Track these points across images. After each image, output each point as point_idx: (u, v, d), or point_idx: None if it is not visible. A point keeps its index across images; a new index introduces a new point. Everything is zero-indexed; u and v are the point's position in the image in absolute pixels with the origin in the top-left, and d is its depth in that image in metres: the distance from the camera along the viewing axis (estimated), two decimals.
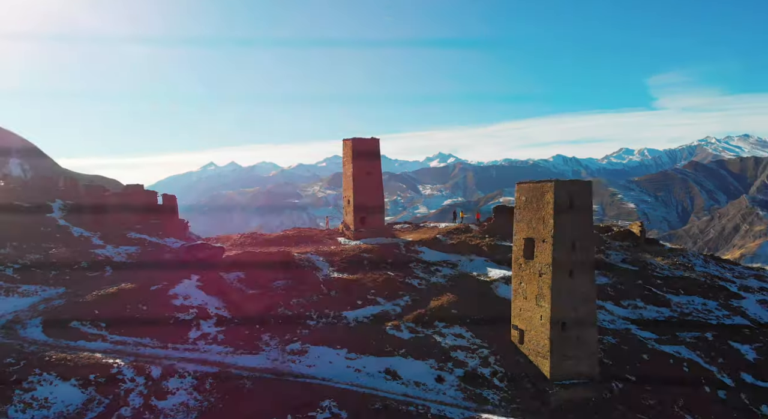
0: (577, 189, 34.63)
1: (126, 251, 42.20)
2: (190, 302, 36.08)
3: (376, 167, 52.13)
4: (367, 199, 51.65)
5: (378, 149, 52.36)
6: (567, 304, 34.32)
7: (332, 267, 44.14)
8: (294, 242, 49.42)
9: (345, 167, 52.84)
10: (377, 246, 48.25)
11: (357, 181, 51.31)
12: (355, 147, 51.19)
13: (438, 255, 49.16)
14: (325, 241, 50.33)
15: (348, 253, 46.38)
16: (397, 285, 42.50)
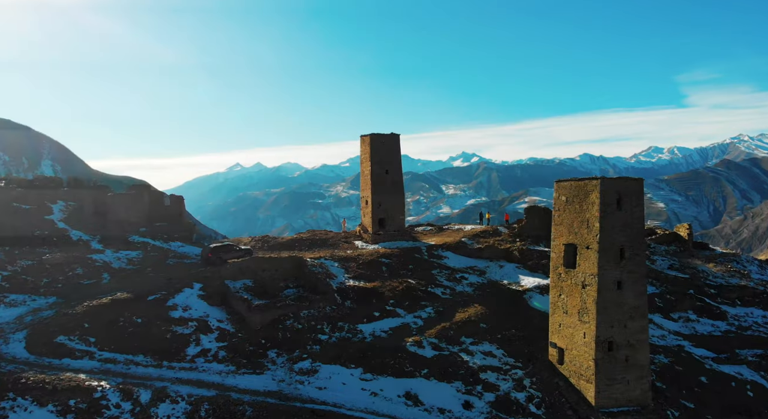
0: (627, 187, 29.73)
1: (127, 256, 38.90)
2: (190, 313, 32.42)
3: (395, 165, 47.77)
4: (386, 199, 47.35)
5: (398, 145, 48.01)
6: (615, 320, 29.52)
7: (348, 274, 40.02)
8: (308, 246, 45.51)
9: (363, 165, 48.61)
10: (397, 251, 43.95)
11: (375, 180, 47.05)
12: (373, 143, 46.93)
13: (464, 261, 44.55)
14: (341, 245, 46.27)
15: (365, 258, 42.20)
16: (419, 295, 38.11)
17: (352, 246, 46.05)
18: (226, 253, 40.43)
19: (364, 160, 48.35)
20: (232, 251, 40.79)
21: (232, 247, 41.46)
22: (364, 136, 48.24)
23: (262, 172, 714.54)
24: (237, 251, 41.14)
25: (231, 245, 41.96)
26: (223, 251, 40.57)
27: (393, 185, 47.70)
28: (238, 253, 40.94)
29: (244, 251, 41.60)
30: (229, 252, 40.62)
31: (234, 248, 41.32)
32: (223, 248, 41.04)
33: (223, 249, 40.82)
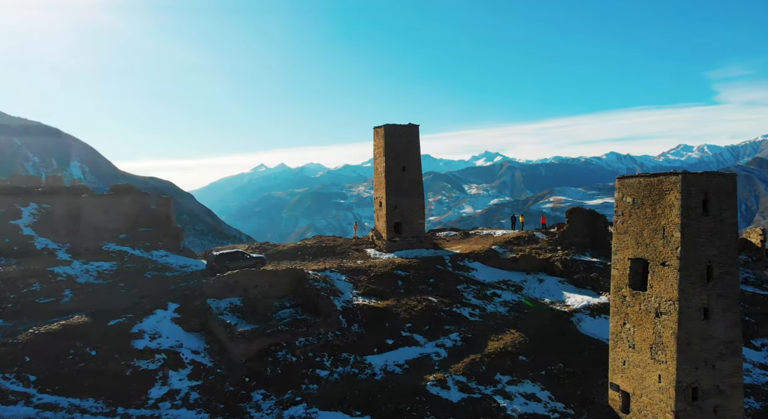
0: (717, 185, 22.25)
1: (98, 268, 32.84)
2: (158, 343, 26.00)
3: (414, 161, 40.69)
4: (403, 200, 40.31)
5: (416, 137, 40.90)
6: (701, 359, 22.12)
7: (357, 290, 33.18)
8: (312, 255, 38.81)
9: (376, 161, 41.66)
10: (415, 261, 36.88)
11: (390, 178, 40.03)
12: (388, 136, 39.92)
13: (495, 273, 37.24)
14: (350, 253, 39.42)
15: (378, 270, 35.29)
16: (442, 317, 31.06)
17: (364, 255, 39.16)
18: (234, 261, 34.27)
19: (377, 155, 41.40)
20: (241, 260, 34.64)
21: (241, 255, 35.22)
22: (377, 127, 41.30)
23: (286, 172, 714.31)
24: (247, 259, 34.91)
25: (240, 252, 35.69)
26: (230, 259, 34.39)
27: (411, 184, 40.63)
28: (247, 262, 34.74)
29: (255, 259, 35.28)
30: (237, 260, 34.48)
31: (243, 256, 35.11)
32: (230, 255, 34.79)
33: (231, 257, 34.60)
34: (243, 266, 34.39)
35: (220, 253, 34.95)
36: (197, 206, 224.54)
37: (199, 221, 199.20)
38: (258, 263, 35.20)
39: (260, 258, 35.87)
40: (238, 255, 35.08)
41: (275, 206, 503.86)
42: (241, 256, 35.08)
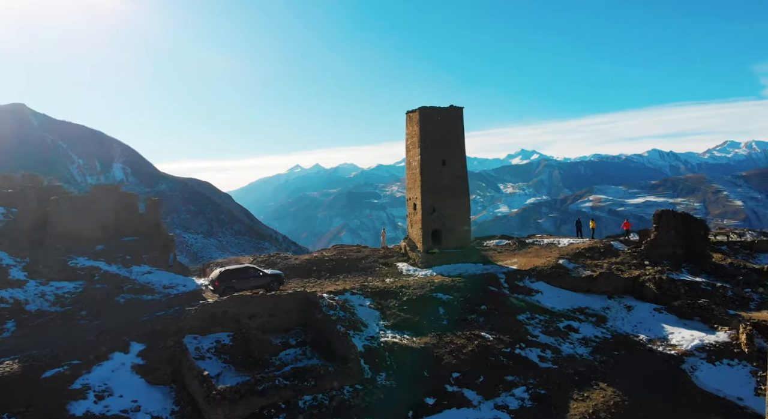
0: None
1: (57, 291, 25.53)
2: (106, 406, 18.22)
3: (457, 152, 31.85)
4: (443, 202, 31.56)
5: (460, 123, 31.99)
6: None
7: (385, 320, 24.74)
8: (330, 270, 30.51)
9: (409, 153, 33.06)
10: (461, 281, 28.07)
11: (427, 174, 31.35)
12: (425, 121, 31.22)
13: (567, 298, 28.05)
14: (377, 268, 30.89)
15: (412, 292, 26.70)
16: (501, 362, 22.25)
17: (394, 271, 30.58)
18: (242, 280, 26.28)
19: (410, 146, 32.77)
20: (252, 278, 26.63)
21: (252, 271, 26.96)
22: (410, 112, 32.67)
23: (321, 173, 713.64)
24: (260, 277, 26.77)
25: (250, 267, 27.31)
26: (238, 276, 26.42)
27: (453, 181, 31.83)
28: (260, 280, 26.62)
29: (270, 277, 27.02)
30: (247, 278, 26.39)
31: (255, 273, 26.89)
32: (237, 272, 26.63)
33: (238, 274, 26.52)
34: (254, 286, 26.41)
35: (225, 269, 26.68)
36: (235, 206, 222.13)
37: (237, 221, 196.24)
38: (274, 281, 27.02)
39: (276, 275, 27.46)
40: (247, 272, 26.71)
41: (310, 206, 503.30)
42: (252, 273, 26.73)
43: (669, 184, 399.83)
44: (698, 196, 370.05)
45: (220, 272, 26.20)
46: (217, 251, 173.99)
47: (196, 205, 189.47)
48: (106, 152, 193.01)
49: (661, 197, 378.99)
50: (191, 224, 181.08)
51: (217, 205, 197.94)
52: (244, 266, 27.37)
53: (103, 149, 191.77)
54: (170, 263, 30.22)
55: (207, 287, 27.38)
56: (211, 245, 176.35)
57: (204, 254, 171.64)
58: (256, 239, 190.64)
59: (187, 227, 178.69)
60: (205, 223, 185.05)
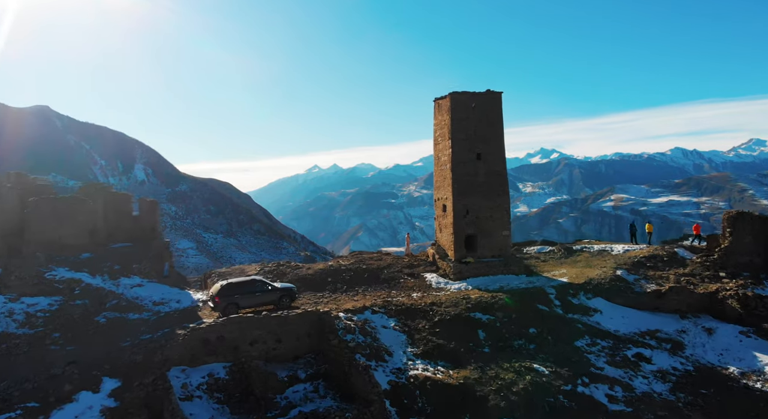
0: None
1: (28, 308, 21.54)
2: None
3: (494, 145, 27.05)
4: (478, 203, 26.80)
5: (498, 111, 27.18)
6: None
7: (413, 346, 20.20)
8: (347, 283, 26.03)
9: (438, 146, 28.38)
10: (502, 297, 23.28)
11: (460, 170, 26.63)
12: (457, 108, 26.48)
13: (631, 317, 23.10)
14: (402, 280, 26.32)
15: (445, 311, 22.10)
16: (561, 404, 17.51)
17: (422, 283, 25.96)
18: (248, 295, 21.73)
19: (439, 138, 28.11)
20: (259, 293, 22.09)
21: (259, 284, 22.29)
22: (439, 99, 28.00)
23: (338, 173, 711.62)
24: (268, 291, 22.16)
25: (257, 280, 22.56)
26: (242, 291, 21.85)
27: (490, 178, 27.05)
28: (269, 295, 22.23)
29: (280, 291, 22.43)
30: (253, 293, 22.02)
31: (263, 286, 22.27)
32: (242, 286, 22.00)
33: (243, 288, 21.94)
34: (261, 302, 22.05)
35: (227, 282, 21.99)
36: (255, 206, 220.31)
37: (256, 221, 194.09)
38: (285, 297, 22.47)
39: (287, 289, 22.73)
40: (253, 285, 22.14)
41: (328, 206, 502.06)
42: (258, 286, 22.18)
43: (693, 183, 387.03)
44: (723, 195, 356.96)
45: (221, 287, 21.87)
46: (236, 251, 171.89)
47: (217, 205, 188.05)
48: (127, 153, 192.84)
49: (685, 196, 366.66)
50: (211, 224, 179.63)
51: (237, 205, 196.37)
52: (250, 278, 22.90)
53: (124, 150, 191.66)
54: (165, 273, 26.14)
55: (206, 304, 23.18)
56: (230, 245, 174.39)
57: (224, 253, 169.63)
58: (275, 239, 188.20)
59: (207, 227, 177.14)
60: (225, 223, 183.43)
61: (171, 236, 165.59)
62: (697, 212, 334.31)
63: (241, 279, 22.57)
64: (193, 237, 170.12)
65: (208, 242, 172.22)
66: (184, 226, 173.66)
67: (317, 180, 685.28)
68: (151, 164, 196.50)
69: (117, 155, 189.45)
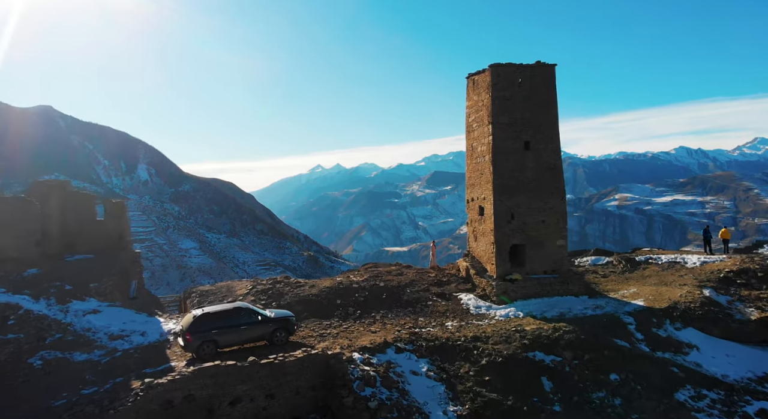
0: None
1: None
2: None
3: (547, 132, 21.16)
4: (526, 204, 20.98)
5: (552, 88, 21.32)
6: None
7: (456, 403, 14.44)
8: (360, 306, 20.22)
9: (472, 134, 22.54)
10: (565, 328, 17.45)
11: (503, 163, 20.76)
12: (500, 84, 20.61)
13: (738, 355, 17.21)
14: (430, 302, 20.49)
15: (494, 350, 16.33)
16: None
17: (456, 307, 20.16)
18: (229, 330, 15.96)
19: (474, 124, 22.26)
20: (244, 326, 16.15)
21: (244, 313, 16.41)
22: (475, 74, 22.20)
23: (341, 173, 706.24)
24: (257, 324, 16.30)
25: (243, 308, 16.58)
26: (222, 323, 15.96)
27: (542, 173, 21.17)
28: (258, 329, 16.32)
29: (274, 323, 16.46)
30: (237, 327, 16.08)
31: (249, 316, 16.38)
32: (221, 316, 16.15)
33: (222, 319, 16.07)
34: (249, 338, 16.15)
35: (203, 313, 16.03)
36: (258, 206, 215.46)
37: (259, 221, 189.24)
38: (280, 330, 16.56)
39: (283, 320, 16.72)
40: (238, 315, 16.26)
41: (331, 206, 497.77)
42: (245, 316, 16.30)
43: (697, 182, 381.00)
44: (728, 194, 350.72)
45: (194, 318, 15.98)
46: (239, 251, 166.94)
47: (220, 205, 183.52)
48: (131, 153, 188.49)
49: (690, 195, 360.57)
50: (214, 225, 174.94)
51: (240, 205, 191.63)
52: (233, 306, 16.75)
53: (128, 150, 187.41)
54: (132, 294, 20.44)
55: (178, 337, 17.48)
56: (233, 245, 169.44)
57: (227, 254, 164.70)
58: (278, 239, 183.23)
59: (210, 227, 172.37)
60: (228, 223, 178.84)
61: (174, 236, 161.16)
62: (702, 211, 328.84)
63: (222, 308, 16.63)
64: (196, 237, 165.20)
65: (211, 242, 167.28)
66: (187, 226, 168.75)
67: (320, 180, 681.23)
68: (155, 163, 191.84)
69: (120, 155, 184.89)
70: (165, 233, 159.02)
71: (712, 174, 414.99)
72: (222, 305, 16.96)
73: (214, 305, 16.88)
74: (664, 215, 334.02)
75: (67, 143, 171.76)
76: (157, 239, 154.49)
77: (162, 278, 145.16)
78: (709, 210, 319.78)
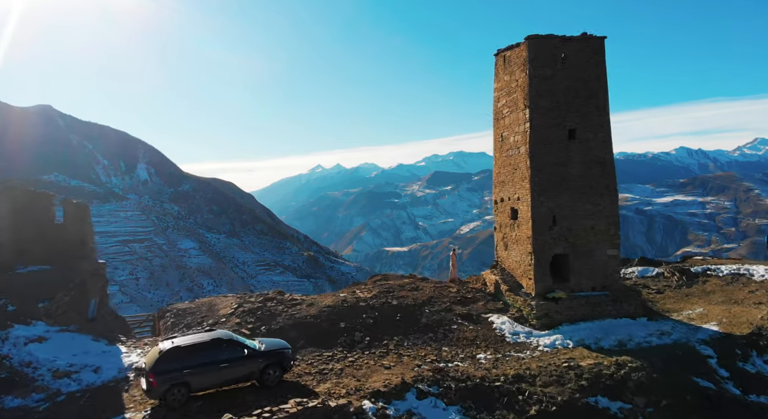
0: None
1: None
2: None
3: (595, 117, 17.31)
4: (571, 206, 17.18)
5: (601, 64, 17.48)
6: None
7: None
8: (371, 329, 16.38)
9: (502, 121, 18.70)
10: (630, 362, 13.66)
11: (543, 155, 16.91)
12: (539, 60, 16.79)
13: None
14: (454, 326, 16.66)
15: (543, 394, 12.53)
16: None
17: (488, 333, 16.29)
18: (205, 368, 11.98)
19: (505, 109, 18.43)
20: (224, 364, 12.15)
21: (225, 347, 12.40)
22: (506, 49, 18.38)
23: (342, 173, 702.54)
24: (242, 361, 12.38)
25: (222, 340, 12.49)
26: (196, 359, 12.01)
27: (590, 169, 17.27)
28: (243, 366, 12.37)
29: (263, 357, 12.62)
30: (215, 365, 12.08)
31: (231, 350, 12.41)
32: (195, 351, 12.12)
33: (196, 355, 12.06)
34: (231, 379, 12.21)
35: (173, 346, 12.18)
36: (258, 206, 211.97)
37: (259, 221, 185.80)
38: (272, 366, 12.71)
39: (276, 352, 12.99)
40: (218, 349, 12.42)
41: (331, 206, 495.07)
42: (226, 350, 12.46)
43: (698, 182, 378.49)
44: (728, 194, 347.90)
45: (159, 354, 11.99)
46: (239, 252, 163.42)
47: (219, 205, 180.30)
48: (130, 152, 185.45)
49: (690, 195, 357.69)
50: (214, 224, 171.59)
51: (240, 205, 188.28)
52: (211, 337, 12.63)
53: (127, 150, 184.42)
54: (91, 315, 16.60)
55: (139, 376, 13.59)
56: (233, 245, 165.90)
57: (226, 254, 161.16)
58: (278, 239, 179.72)
59: (210, 227, 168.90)
60: (228, 223, 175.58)
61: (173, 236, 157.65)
62: (702, 211, 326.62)
63: (197, 339, 12.60)
64: (196, 237, 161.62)
65: (210, 243, 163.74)
66: (186, 226, 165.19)
67: (320, 180, 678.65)
68: (154, 163, 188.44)
69: (120, 155, 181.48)
70: (164, 233, 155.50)
71: (713, 175, 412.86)
72: (197, 334, 13.09)
73: (186, 336, 13.00)
74: (665, 216, 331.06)
75: (66, 142, 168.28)
76: (157, 239, 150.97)
77: (161, 278, 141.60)
78: (710, 211, 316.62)
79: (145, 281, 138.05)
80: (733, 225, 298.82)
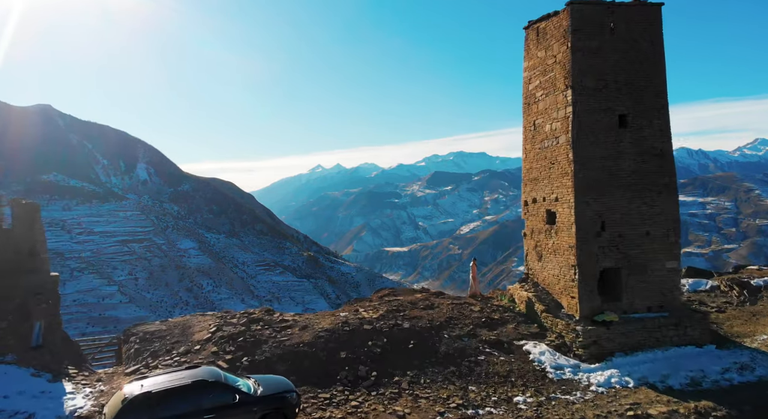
0: None
1: None
2: None
3: (651, 100, 14.20)
4: (627, 209, 14.00)
5: (658, 35, 14.38)
6: None
7: None
8: (377, 362, 13.23)
9: (534, 107, 15.55)
10: (712, 409, 10.51)
11: (587, 146, 13.77)
12: (583, 31, 13.68)
13: None
14: (482, 357, 13.49)
15: None
16: None
17: (523, 367, 13.15)
18: None
19: (538, 91, 15.28)
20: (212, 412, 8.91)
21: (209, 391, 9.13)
22: (540, 20, 15.24)
23: (342, 173, 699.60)
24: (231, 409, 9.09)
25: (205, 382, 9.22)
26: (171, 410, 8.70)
27: (645, 163, 14.08)
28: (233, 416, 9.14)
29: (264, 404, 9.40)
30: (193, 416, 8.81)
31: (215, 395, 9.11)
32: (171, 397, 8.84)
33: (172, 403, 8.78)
34: None
35: (143, 392, 8.84)
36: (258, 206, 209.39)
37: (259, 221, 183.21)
38: (269, 417, 9.42)
39: (277, 398, 9.72)
40: (199, 394, 9.08)
41: (331, 206, 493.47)
42: (209, 395, 9.13)
43: (698, 183, 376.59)
44: (729, 195, 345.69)
45: (123, 404, 8.67)
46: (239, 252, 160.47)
47: (219, 205, 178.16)
48: (130, 152, 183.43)
49: (691, 196, 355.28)
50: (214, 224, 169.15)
51: (240, 205, 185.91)
52: (193, 379, 9.27)
53: (127, 150, 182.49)
54: (35, 341, 13.40)
55: None
56: (233, 245, 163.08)
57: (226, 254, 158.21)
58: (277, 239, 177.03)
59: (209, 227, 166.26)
60: (228, 223, 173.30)
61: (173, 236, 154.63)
62: (703, 212, 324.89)
63: (175, 382, 9.19)
64: (195, 237, 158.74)
65: (210, 242, 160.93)
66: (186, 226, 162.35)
67: (320, 180, 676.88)
68: (154, 163, 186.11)
69: (119, 155, 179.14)
70: (164, 233, 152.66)
71: (713, 175, 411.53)
72: (174, 373, 9.72)
73: (159, 376, 9.65)
74: None
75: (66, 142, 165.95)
76: (156, 239, 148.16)
77: (161, 278, 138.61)
78: (710, 211, 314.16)
79: (144, 282, 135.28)
80: (733, 226, 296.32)
